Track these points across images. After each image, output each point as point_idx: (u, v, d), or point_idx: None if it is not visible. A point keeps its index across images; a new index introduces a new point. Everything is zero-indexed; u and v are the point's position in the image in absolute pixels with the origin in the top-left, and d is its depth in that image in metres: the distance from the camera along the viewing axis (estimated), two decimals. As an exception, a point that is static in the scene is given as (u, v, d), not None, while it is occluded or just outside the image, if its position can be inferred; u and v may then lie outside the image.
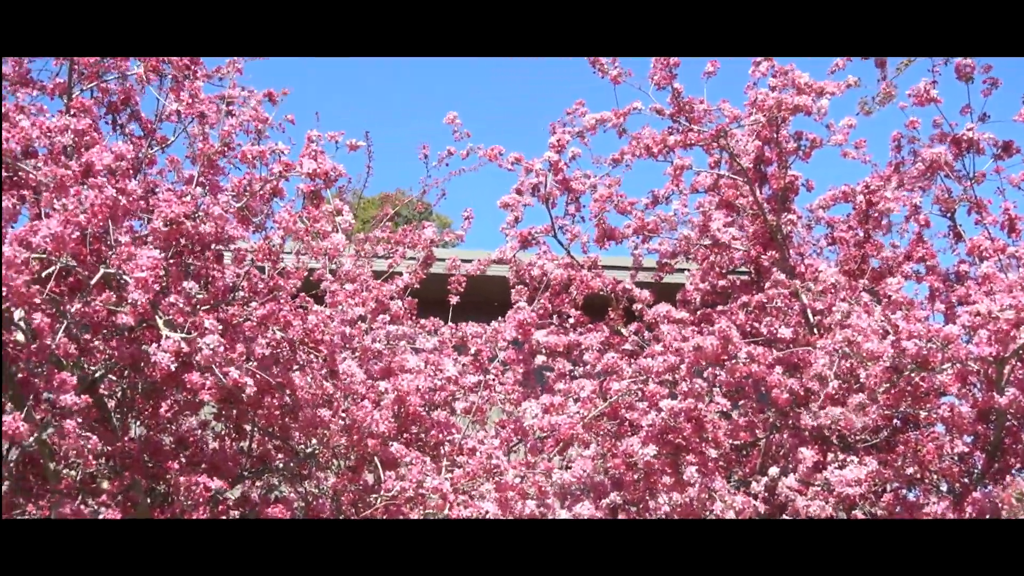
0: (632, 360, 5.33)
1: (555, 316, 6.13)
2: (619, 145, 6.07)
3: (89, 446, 3.64)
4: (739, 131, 5.87)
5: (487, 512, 4.38)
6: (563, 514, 4.72)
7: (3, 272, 3.43)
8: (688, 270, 6.62)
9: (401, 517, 4.45)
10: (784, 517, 5.03)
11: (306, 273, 5.07)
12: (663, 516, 4.92)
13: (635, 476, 4.92)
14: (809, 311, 5.66)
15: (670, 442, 4.88)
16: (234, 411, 4.71)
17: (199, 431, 4.83)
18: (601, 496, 5.03)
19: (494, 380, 5.27)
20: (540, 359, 5.85)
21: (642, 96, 5.86)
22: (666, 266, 6.53)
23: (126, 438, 4.40)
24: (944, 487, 5.23)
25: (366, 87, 38.16)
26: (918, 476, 5.08)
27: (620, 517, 5.05)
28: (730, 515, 4.71)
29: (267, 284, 4.27)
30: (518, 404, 5.26)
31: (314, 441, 4.88)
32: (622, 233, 6.33)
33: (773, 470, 5.20)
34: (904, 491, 5.20)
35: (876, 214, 6.01)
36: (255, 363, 4.01)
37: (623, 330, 6.09)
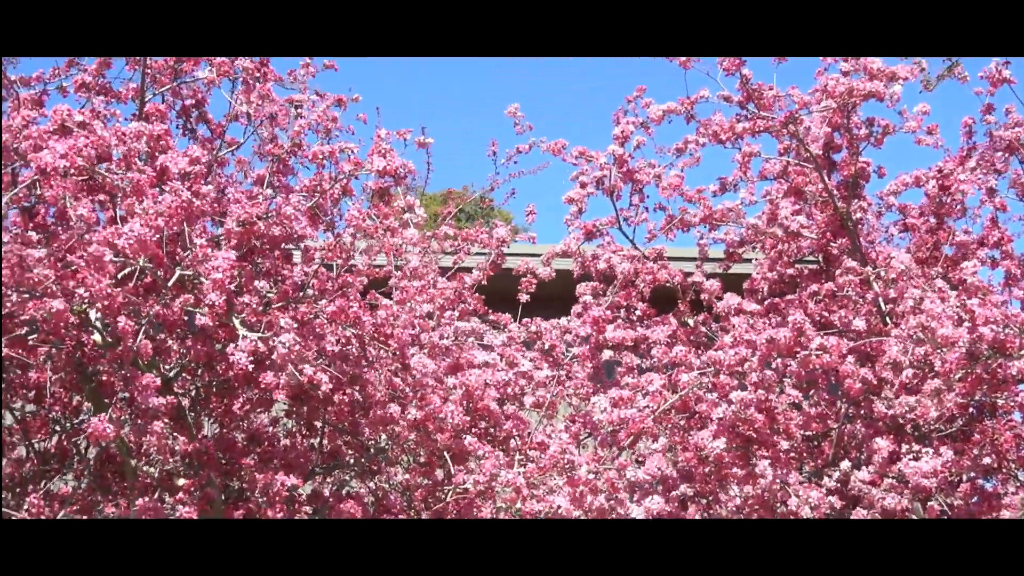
0: (700, 352, 5.29)
1: (622, 310, 6.09)
2: (683, 134, 6.01)
3: (178, 447, 3.70)
4: (808, 118, 5.77)
5: (559, 507, 4.37)
6: (633, 508, 4.69)
7: (88, 272, 3.51)
8: (755, 259, 6.54)
9: (474, 510, 4.46)
10: (859, 510, 4.97)
11: (374, 270, 5.09)
12: (734, 509, 4.88)
13: (706, 469, 4.89)
14: (881, 300, 5.56)
15: (741, 434, 4.84)
16: (305, 408, 4.75)
17: (271, 428, 4.88)
18: (670, 489, 5.00)
19: (565, 375, 5.26)
20: (607, 353, 5.81)
21: (710, 83, 5.78)
22: (733, 255, 6.45)
23: (200, 435, 4.46)
24: (1022, 476, 5.12)
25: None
26: (995, 466, 4.99)
27: (690, 510, 5.02)
28: (806, 511, 4.66)
29: (336, 282, 4.30)
30: (586, 399, 5.23)
31: (384, 437, 4.90)
32: (689, 220, 6.25)
33: (845, 464, 5.14)
34: (981, 481, 5.11)
35: (949, 199, 5.89)
36: (325, 360, 4.04)
37: (690, 321, 6.04)
